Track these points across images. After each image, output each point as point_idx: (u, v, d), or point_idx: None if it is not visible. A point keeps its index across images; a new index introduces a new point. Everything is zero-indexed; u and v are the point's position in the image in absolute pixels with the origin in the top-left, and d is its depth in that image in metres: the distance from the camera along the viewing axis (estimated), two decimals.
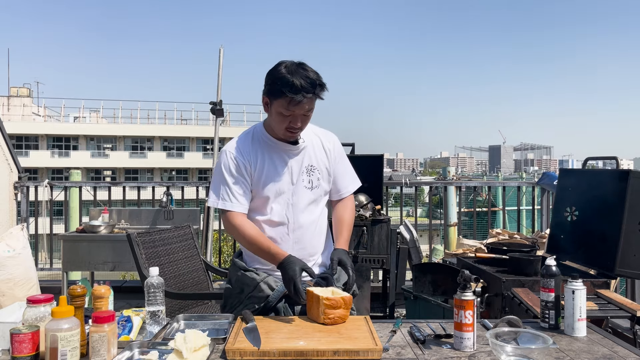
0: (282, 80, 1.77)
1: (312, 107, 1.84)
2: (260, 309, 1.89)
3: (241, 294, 1.95)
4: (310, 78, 1.78)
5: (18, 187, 5.19)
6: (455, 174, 20.60)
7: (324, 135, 2.05)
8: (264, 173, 1.91)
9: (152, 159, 38.09)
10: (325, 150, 2.01)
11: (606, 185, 2.80)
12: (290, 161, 1.94)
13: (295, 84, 1.75)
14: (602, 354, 1.53)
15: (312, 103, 1.83)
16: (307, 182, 1.95)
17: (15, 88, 39.99)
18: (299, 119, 1.83)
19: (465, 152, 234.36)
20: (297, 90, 1.75)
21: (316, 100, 1.84)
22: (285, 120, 1.83)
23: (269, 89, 1.84)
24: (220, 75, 5.16)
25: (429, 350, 1.56)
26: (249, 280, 1.93)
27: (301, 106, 1.79)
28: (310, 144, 1.98)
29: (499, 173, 45.69)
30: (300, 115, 1.82)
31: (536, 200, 5.50)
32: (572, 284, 1.70)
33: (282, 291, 1.88)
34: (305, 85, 1.76)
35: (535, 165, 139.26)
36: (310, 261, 1.98)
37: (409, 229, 4.33)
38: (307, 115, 1.85)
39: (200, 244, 4.78)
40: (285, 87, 1.76)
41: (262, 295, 1.89)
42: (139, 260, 2.84)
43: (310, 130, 2.01)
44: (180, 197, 5.50)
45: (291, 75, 1.76)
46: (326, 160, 2.01)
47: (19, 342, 1.40)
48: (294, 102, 1.77)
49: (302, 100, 1.77)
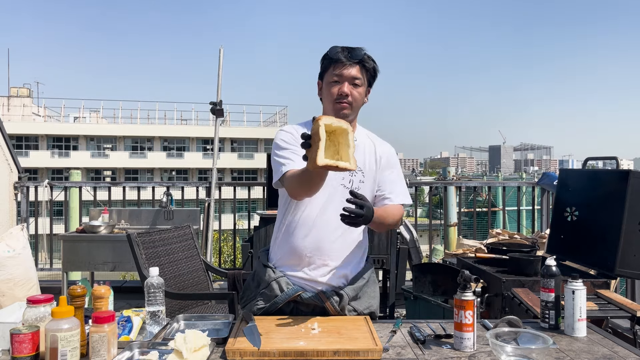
0: (328, 52, 1.87)
1: (360, 78, 1.85)
2: (266, 307, 1.85)
3: (257, 288, 1.92)
4: (353, 48, 1.85)
5: (18, 187, 5.20)
6: (455, 174, 20.63)
7: (380, 142, 1.99)
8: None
9: (152, 159, 38.09)
10: (376, 156, 1.94)
11: (606, 185, 2.80)
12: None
13: (337, 48, 1.85)
14: (602, 354, 1.53)
15: (358, 72, 1.85)
16: (348, 181, 1.86)
17: (15, 88, 40.00)
18: (346, 85, 1.83)
19: (465, 152, 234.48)
20: (339, 54, 1.83)
21: (365, 73, 1.87)
22: (334, 89, 1.84)
23: (320, 70, 1.91)
24: (220, 75, 5.16)
25: (429, 351, 1.56)
26: (266, 276, 1.90)
27: (346, 69, 1.83)
28: (361, 144, 1.91)
29: (499, 173, 45.71)
30: (348, 79, 1.84)
31: (536, 201, 5.51)
32: (572, 284, 1.70)
33: (291, 294, 1.83)
34: (346, 50, 1.84)
35: (535, 166, 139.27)
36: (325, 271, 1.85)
37: (409, 229, 4.33)
38: (356, 85, 1.85)
39: (200, 244, 4.78)
40: (328, 54, 1.86)
41: (271, 295, 1.86)
42: (139, 260, 2.84)
43: (365, 135, 1.97)
44: (180, 197, 5.51)
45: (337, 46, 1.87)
46: (374, 165, 1.93)
47: (19, 343, 1.40)
48: (338, 64, 1.83)
49: (345, 63, 1.82)
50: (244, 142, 40.23)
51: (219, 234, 5.93)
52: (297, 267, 1.87)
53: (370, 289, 1.94)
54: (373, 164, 1.93)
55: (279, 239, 1.93)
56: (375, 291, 1.98)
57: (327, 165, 1.41)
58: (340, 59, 1.83)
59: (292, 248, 1.87)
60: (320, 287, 1.85)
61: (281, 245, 1.92)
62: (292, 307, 1.85)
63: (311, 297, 1.83)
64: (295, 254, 1.86)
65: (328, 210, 1.83)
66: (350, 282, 1.89)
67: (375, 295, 1.98)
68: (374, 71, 1.91)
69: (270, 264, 1.93)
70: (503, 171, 74.32)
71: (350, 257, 1.90)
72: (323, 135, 1.41)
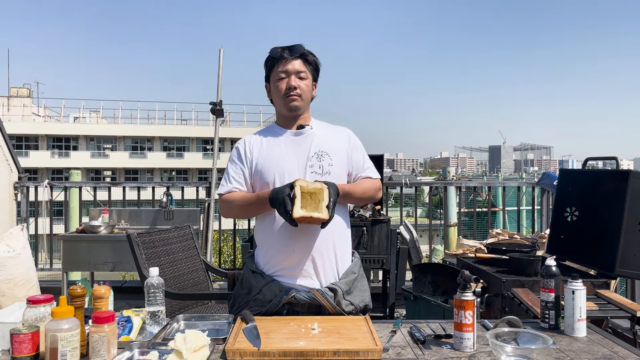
0: (269, 53, 1.96)
1: (304, 71, 1.93)
2: (262, 313, 1.84)
3: (248, 295, 1.92)
4: (292, 45, 1.93)
5: (18, 188, 5.20)
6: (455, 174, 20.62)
7: (337, 128, 2.06)
8: (268, 156, 1.92)
9: (152, 159, 38.10)
10: (340, 136, 2.01)
11: (606, 185, 2.80)
12: (297, 146, 1.94)
13: (277, 48, 1.94)
14: (602, 354, 1.53)
15: (301, 65, 1.93)
16: (318, 167, 1.90)
17: (15, 88, 40.02)
18: (292, 78, 1.91)
19: (465, 152, 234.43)
20: (280, 51, 1.93)
21: (308, 67, 1.94)
22: (282, 84, 1.92)
23: (266, 73, 2.00)
24: (220, 76, 5.16)
25: (429, 351, 1.56)
26: (255, 282, 1.90)
27: (290, 64, 1.91)
28: (320, 131, 1.99)
29: (499, 173, 45.70)
30: (293, 73, 1.91)
31: (536, 201, 5.50)
32: (572, 284, 1.70)
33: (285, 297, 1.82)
34: (287, 48, 1.93)
35: (535, 166, 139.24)
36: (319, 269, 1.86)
37: (409, 229, 4.33)
38: (301, 78, 1.93)
39: (200, 244, 4.78)
40: (270, 55, 1.95)
41: (265, 300, 1.86)
42: (139, 260, 2.84)
43: (322, 125, 2.04)
44: (180, 197, 5.50)
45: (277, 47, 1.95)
46: (343, 145, 1.98)
47: (19, 343, 1.40)
48: (281, 61, 1.92)
49: (287, 58, 1.91)
50: None
51: (219, 234, 5.92)
52: (286, 268, 1.86)
53: (360, 282, 1.96)
54: (339, 142, 1.99)
55: (262, 242, 1.94)
56: (365, 285, 2.00)
57: (302, 216, 1.68)
58: (282, 55, 1.93)
59: (278, 248, 1.86)
60: (313, 285, 1.85)
61: (267, 248, 1.91)
62: (288, 309, 1.85)
63: (305, 296, 1.83)
64: (282, 253, 1.85)
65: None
66: (342, 277, 1.91)
67: (366, 288, 2.00)
68: (315, 65, 1.98)
69: (258, 269, 1.93)
70: (503, 171, 74.32)
71: (338, 252, 1.90)
72: (298, 193, 1.70)
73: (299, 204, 1.69)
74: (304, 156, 1.91)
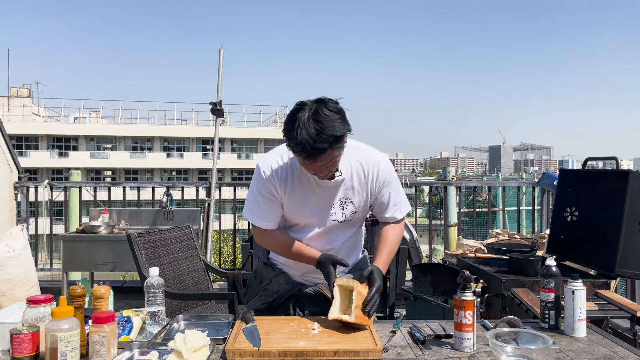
0: (290, 135, 1.60)
1: (335, 156, 1.66)
2: (269, 303, 1.93)
3: (259, 285, 2.00)
4: (315, 139, 1.57)
5: (18, 188, 5.19)
6: (455, 175, 20.64)
7: (368, 161, 1.84)
8: (294, 203, 1.83)
9: (152, 159, 38.09)
10: (367, 179, 1.84)
11: (606, 185, 2.80)
12: (322, 195, 1.82)
13: (301, 143, 1.58)
14: (602, 354, 1.53)
15: (331, 155, 1.63)
16: (340, 215, 1.84)
17: (15, 88, 40.01)
18: (320, 169, 1.68)
19: (465, 152, 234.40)
20: (305, 152, 1.60)
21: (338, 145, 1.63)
22: (308, 169, 1.71)
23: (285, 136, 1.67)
24: (220, 76, 5.15)
25: (429, 351, 1.56)
26: (267, 273, 1.99)
27: (319, 161, 1.63)
28: (348, 175, 1.81)
29: (499, 173, 45.72)
30: (323, 165, 1.66)
31: (536, 201, 5.50)
32: (572, 284, 1.69)
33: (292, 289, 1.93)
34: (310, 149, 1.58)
35: (535, 166, 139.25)
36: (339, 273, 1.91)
37: (409, 229, 4.33)
38: (333, 162, 1.68)
39: (200, 244, 4.78)
40: (292, 144, 1.62)
41: (273, 290, 1.95)
42: (139, 260, 2.84)
43: (354, 157, 1.82)
44: (180, 197, 5.50)
45: (298, 132, 1.57)
46: (366, 189, 1.85)
47: (19, 343, 1.40)
48: (307, 159, 1.63)
49: (314, 159, 1.62)
50: (244, 142, 40.23)
51: (219, 234, 5.93)
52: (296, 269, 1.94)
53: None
54: (364, 187, 1.85)
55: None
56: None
57: (335, 319, 1.68)
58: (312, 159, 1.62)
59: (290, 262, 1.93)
60: (319, 280, 1.91)
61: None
62: (294, 302, 1.92)
63: (311, 290, 1.92)
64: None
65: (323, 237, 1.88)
66: (348, 272, 1.95)
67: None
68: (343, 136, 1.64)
69: (270, 262, 2.01)
70: (503, 171, 74.32)
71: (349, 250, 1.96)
72: (337, 296, 1.71)
73: (336, 304, 1.69)
74: (328, 204, 1.83)
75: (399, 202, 1.92)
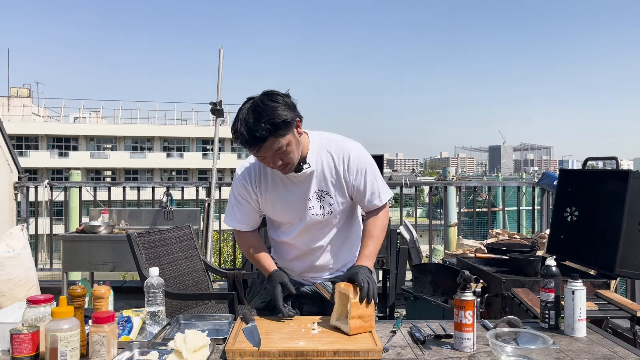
0: (232, 127, 1.66)
1: (281, 145, 1.64)
2: (267, 302, 1.96)
3: (262, 284, 2.02)
4: (251, 128, 1.59)
5: (18, 188, 5.19)
6: (455, 174, 20.65)
7: (337, 151, 1.83)
8: (271, 203, 1.86)
9: (152, 159, 38.09)
10: (337, 169, 1.82)
11: (606, 185, 2.80)
12: (296, 190, 1.83)
13: (237, 136, 1.63)
14: (602, 354, 1.53)
15: (273, 143, 1.63)
16: (319, 208, 1.83)
17: (15, 88, 40.01)
18: (271, 159, 1.68)
19: (465, 152, 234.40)
20: (245, 142, 1.63)
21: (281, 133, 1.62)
22: (264, 163, 1.73)
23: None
24: (220, 76, 5.15)
25: (429, 351, 1.56)
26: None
27: (260, 151, 1.65)
28: (318, 167, 1.81)
29: (499, 173, 45.71)
30: (271, 156, 1.67)
31: (536, 201, 5.50)
32: (572, 284, 1.70)
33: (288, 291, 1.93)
34: (248, 137, 1.61)
35: (535, 166, 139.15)
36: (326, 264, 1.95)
37: (409, 229, 4.33)
38: (282, 152, 1.66)
39: (200, 244, 4.78)
40: (233, 135, 1.65)
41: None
42: (139, 260, 2.84)
43: (324, 148, 1.82)
44: (180, 197, 5.50)
45: (238, 123, 1.63)
46: (341, 180, 1.83)
47: (19, 343, 1.40)
48: (251, 149, 1.67)
49: (257, 148, 1.64)
50: None
51: (219, 234, 5.92)
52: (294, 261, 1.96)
53: None
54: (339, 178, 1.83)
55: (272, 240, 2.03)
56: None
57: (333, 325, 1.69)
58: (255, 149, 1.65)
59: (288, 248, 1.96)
60: (317, 280, 1.94)
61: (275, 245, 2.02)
62: (294, 300, 1.92)
63: (309, 289, 1.94)
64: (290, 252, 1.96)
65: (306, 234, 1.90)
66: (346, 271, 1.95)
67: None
68: (284, 123, 1.63)
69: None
70: (503, 171, 74.32)
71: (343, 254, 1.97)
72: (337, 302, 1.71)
73: (337, 311, 1.70)
74: (304, 199, 1.83)
75: (377, 190, 1.87)
